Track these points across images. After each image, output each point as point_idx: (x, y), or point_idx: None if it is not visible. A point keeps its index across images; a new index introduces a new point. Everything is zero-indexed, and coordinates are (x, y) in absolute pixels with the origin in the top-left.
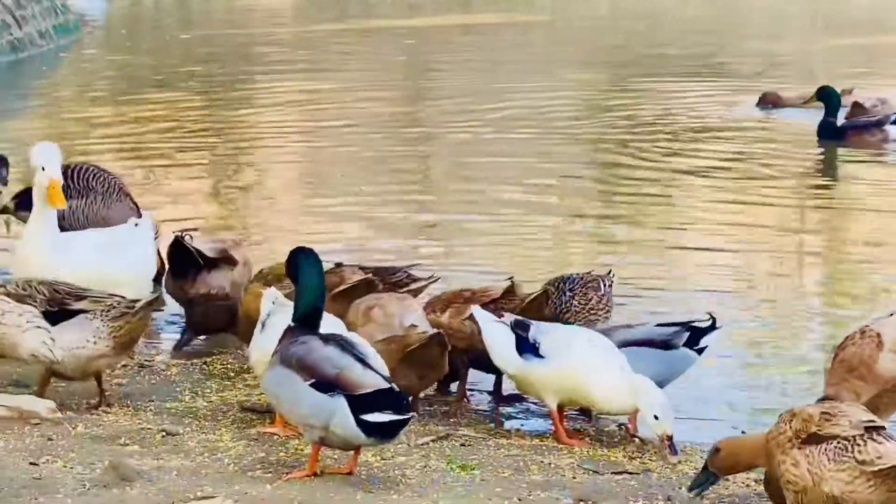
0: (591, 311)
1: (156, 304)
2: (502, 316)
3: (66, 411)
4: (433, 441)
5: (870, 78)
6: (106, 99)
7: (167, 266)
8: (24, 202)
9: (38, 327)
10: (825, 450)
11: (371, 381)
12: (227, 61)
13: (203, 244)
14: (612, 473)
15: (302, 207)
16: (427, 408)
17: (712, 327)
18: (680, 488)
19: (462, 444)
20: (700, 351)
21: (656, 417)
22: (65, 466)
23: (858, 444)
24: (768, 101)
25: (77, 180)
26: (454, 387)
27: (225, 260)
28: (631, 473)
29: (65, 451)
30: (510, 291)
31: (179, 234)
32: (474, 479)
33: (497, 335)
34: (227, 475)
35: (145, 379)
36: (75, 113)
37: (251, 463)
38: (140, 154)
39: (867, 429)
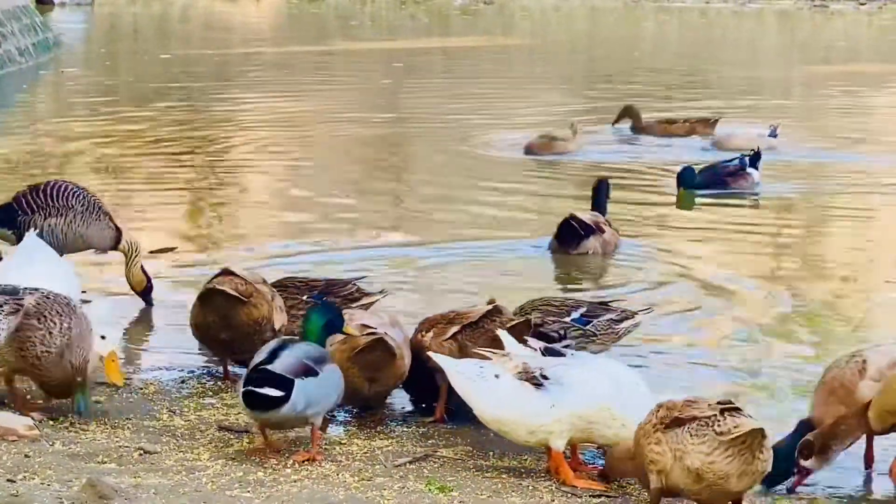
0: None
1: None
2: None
3: (43, 428)
4: (411, 462)
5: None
6: (84, 117)
7: (555, 235)
8: (1, 220)
9: None
10: (687, 429)
11: (258, 359)
12: (207, 81)
13: (584, 216)
14: (590, 497)
15: (276, 223)
16: (405, 429)
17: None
18: None
19: (440, 466)
20: None
21: None
22: (42, 484)
23: (717, 420)
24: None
25: (56, 198)
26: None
27: (598, 229)
28: (609, 497)
29: (42, 469)
30: (493, 313)
31: (568, 215)
32: (452, 501)
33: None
34: (205, 494)
35: (122, 397)
36: (53, 130)
37: (229, 482)
38: (117, 172)
39: (723, 409)
